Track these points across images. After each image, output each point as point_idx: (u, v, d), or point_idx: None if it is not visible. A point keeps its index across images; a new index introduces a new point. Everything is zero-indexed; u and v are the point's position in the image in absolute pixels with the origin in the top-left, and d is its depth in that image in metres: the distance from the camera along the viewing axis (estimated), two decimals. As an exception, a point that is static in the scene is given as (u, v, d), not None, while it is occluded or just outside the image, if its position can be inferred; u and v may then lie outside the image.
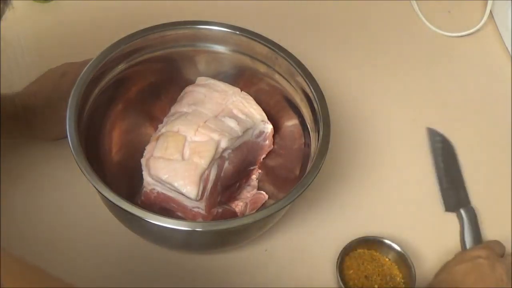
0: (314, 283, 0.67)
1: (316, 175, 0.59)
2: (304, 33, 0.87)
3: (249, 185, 0.71)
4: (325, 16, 0.90)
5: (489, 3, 0.87)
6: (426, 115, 0.81)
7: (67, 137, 0.58)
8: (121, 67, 0.66)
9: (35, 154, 0.72)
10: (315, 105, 0.64)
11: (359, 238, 0.67)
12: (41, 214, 0.68)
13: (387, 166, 0.76)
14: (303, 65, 0.66)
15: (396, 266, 0.67)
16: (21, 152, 0.72)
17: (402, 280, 0.67)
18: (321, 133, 0.62)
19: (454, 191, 0.74)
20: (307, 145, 0.66)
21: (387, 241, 0.67)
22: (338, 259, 0.65)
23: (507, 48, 0.87)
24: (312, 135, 0.65)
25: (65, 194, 0.69)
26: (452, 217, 0.72)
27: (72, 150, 0.57)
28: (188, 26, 0.68)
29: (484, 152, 0.78)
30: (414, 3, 0.91)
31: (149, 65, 0.69)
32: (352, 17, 0.90)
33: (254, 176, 0.71)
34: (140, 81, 0.70)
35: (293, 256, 0.68)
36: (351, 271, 0.66)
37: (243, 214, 0.67)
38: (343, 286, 0.64)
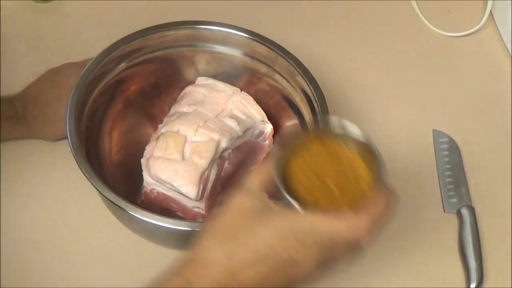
0: (315, 283, 0.67)
1: (316, 175, 0.59)
2: (304, 33, 0.87)
3: (249, 185, 0.71)
4: (325, 16, 0.90)
5: (489, 3, 0.87)
6: (426, 115, 0.81)
7: (67, 137, 0.58)
8: (121, 67, 0.67)
9: (35, 154, 0.72)
10: (315, 105, 0.64)
11: (306, 132, 0.51)
12: (41, 214, 0.68)
13: (387, 166, 0.76)
14: (303, 65, 0.66)
15: (360, 160, 0.50)
16: (21, 152, 0.72)
17: (369, 174, 0.49)
18: (321, 133, 0.62)
19: (455, 192, 0.74)
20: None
21: (344, 124, 0.50)
22: (274, 158, 0.47)
23: (507, 48, 0.87)
24: (312, 135, 0.65)
25: (65, 194, 0.69)
26: (452, 217, 0.72)
27: (72, 150, 0.57)
28: (188, 26, 0.68)
29: (485, 152, 0.78)
30: (414, 3, 0.91)
31: (149, 65, 0.69)
32: (352, 17, 0.90)
33: (254, 176, 0.71)
34: (140, 81, 0.70)
35: (293, 256, 0.68)
36: (298, 172, 0.49)
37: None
38: (283, 189, 0.46)
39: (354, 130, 0.50)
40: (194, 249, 0.46)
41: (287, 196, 0.46)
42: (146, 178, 0.63)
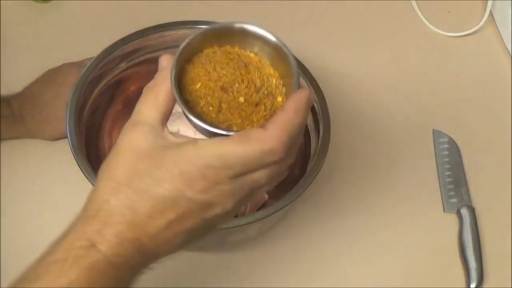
0: (315, 283, 0.67)
1: (316, 175, 0.59)
2: (304, 33, 0.87)
3: (249, 185, 0.71)
4: (325, 16, 0.90)
5: (489, 3, 0.87)
6: (427, 115, 0.81)
7: (67, 137, 0.58)
8: (121, 67, 0.67)
9: (35, 154, 0.72)
10: (315, 105, 0.64)
11: (202, 30, 0.42)
12: (41, 214, 0.68)
13: (387, 166, 0.76)
14: (303, 65, 0.66)
15: (267, 62, 0.44)
16: (20, 152, 0.72)
17: (281, 82, 0.43)
18: (321, 133, 0.62)
19: (455, 192, 0.74)
20: (307, 145, 0.66)
21: (247, 27, 0.43)
22: (172, 70, 0.41)
23: (507, 48, 0.87)
24: (312, 135, 0.65)
25: (65, 194, 0.69)
26: (452, 217, 0.72)
27: (72, 150, 0.57)
28: (188, 26, 0.68)
29: (485, 152, 0.78)
30: (414, 3, 0.91)
31: (149, 65, 0.69)
32: (352, 17, 0.90)
33: (254, 176, 0.71)
34: (140, 81, 0.70)
35: (293, 256, 0.68)
36: (199, 85, 0.42)
37: (243, 214, 0.67)
38: (186, 110, 0.40)
39: (259, 31, 0.43)
40: (91, 201, 0.39)
41: (193, 119, 0.39)
42: (146, 178, 0.63)
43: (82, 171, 0.56)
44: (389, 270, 0.68)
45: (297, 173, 0.66)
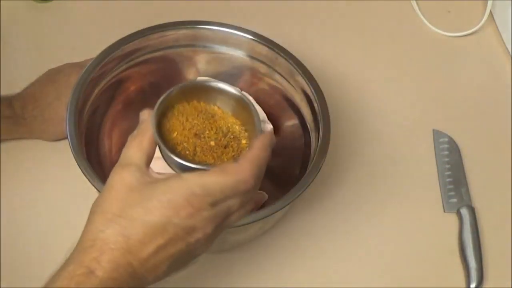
0: (315, 283, 0.67)
1: (316, 175, 0.59)
2: (304, 33, 0.87)
3: (249, 185, 0.71)
4: (325, 16, 0.90)
5: (489, 3, 0.87)
6: (426, 115, 0.81)
7: (67, 137, 0.58)
8: (121, 67, 0.66)
9: (35, 154, 0.72)
10: (315, 105, 0.64)
11: (172, 89, 0.52)
12: (41, 214, 0.68)
13: (387, 166, 0.76)
14: (303, 65, 0.66)
15: (229, 114, 0.53)
16: (21, 152, 0.71)
17: (243, 128, 0.53)
18: (321, 133, 0.62)
19: (455, 192, 0.74)
20: (307, 145, 0.66)
21: (210, 84, 0.53)
22: (153, 120, 0.48)
23: (507, 48, 0.87)
24: (312, 135, 0.65)
25: (65, 194, 0.69)
26: (452, 217, 0.72)
27: (72, 150, 0.57)
28: (188, 26, 0.68)
29: (485, 152, 0.78)
30: (414, 3, 0.91)
31: (149, 65, 0.69)
32: (352, 17, 0.90)
33: (254, 176, 0.71)
34: (140, 81, 0.70)
35: (293, 256, 0.68)
36: (175, 133, 0.51)
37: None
38: (169, 153, 0.48)
39: (219, 85, 0.53)
40: (87, 233, 0.44)
41: (174, 157, 0.47)
42: (146, 178, 0.63)
43: (82, 171, 0.56)
44: (389, 270, 0.68)
45: (297, 173, 0.66)
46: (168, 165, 0.50)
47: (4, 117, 0.68)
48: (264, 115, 0.69)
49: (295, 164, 0.67)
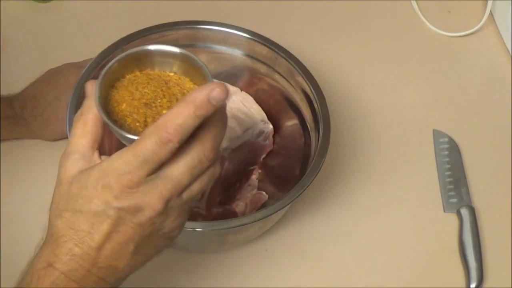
0: (315, 283, 0.67)
1: (316, 175, 0.59)
2: (304, 33, 0.87)
3: (249, 185, 0.71)
4: (325, 16, 0.90)
5: (489, 3, 0.87)
6: (427, 115, 0.81)
7: (67, 137, 0.58)
8: (121, 67, 0.66)
9: (35, 154, 0.72)
10: (315, 105, 0.64)
11: (119, 57, 0.46)
12: (41, 214, 0.68)
13: (387, 166, 0.76)
14: (303, 65, 0.66)
15: (187, 79, 0.47)
16: (21, 152, 0.71)
17: None
18: (321, 133, 0.62)
19: (455, 192, 0.74)
20: (307, 145, 0.66)
21: (164, 48, 0.46)
22: (96, 94, 0.44)
23: (507, 48, 0.87)
24: (312, 135, 0.65)
25: (65, 194, 0.69)
26: (452, 217, 0.72)
27: (72, 150, 0.57)
28: (188, 26, 0.68)
29: (485, 152, 0.78)
30: (414, 3, 0.91)
31: (149, 65, 0.69)
32: (352, 17, 0.90)
33: (254, 176, 0.71)
34: (140, 81, 0.70)
35: (293, 256, 0.68)
36: (124, 105, 0.45)
37: (243, 214, 0.67)
38: (115, 127, 0.43)
39: (172, 49, 0.46)
40: (47, 229, 0.44)
41: (118, 129, 0.43)
42: (146, 178, 0.63)
43: (82, 171, 0.56)
44: (389, 270, 0.68)
45: (297, 173, 0.66)
46: (121, 141, 0.45)
47: (4, 117, 0.68)
48: (264, 115, 0.69)
49: (295, 164, 0.68)
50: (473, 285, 0.67)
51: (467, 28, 0.89)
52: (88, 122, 0.44)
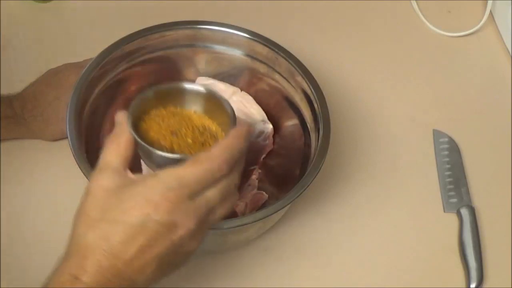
0: (315, 283, 0.67)
1: (316, 175, 0.59)
2: (304, 33, 0.87)
3: (249, 185, 0.71)
4: (325, 16, 0.90)
5: (489, 3, 0.87)
6: (427, 115, 0.81)
7: (67, 137, 0.58)
8: (121, 67, 0.66)
9: (35, 154, 0.72)
10: (315, 105, 0.64)
11: (145, 92, 0.53)
12: (41, 214, 0.68)
13: (387, 166, 0.76)
14: (303, 65, 0.66)
15: (206, 116, 0.54)
16: (21, 152, 0.72)
17: (220, 127, 0.54)
18: (321, 133, 0.62)
19: (455, 192, 0.74)
20: (307, 145, 0.66)
21: (183, 86, 0.54)
22: (128, 120, 0.49)
23: (507, 48, 0.87)
24: (312, 135, 0.65)
25: (65, 194, 0.69)
26: (452, 217, 0.72)
27: (72, 150, 0.57)
28: (188, 26, 0.68)
29: (485, 152, 0.78)
30: (414, 3, 0.91)
31: (149, 65, 0.69)
32: (352, 17, 0.90)
33: (254, 176, 0.71)
34: (140, 81, 0.70)
35: (293, 256, 0.68)
36: (152, 133, 0.52)
37: (243, 214, 0.67)
38: (146, 146, 0.49)
39: (192, 87, 0.54)
40: (71, 241, 0.44)
41: (152, 149, 0.47)
42: (146, 178, 0.63)
43: (82, 171, 0.56)
44: (389, 270, 0.68)
45: (297, 173, 0.66)
46: (147, 166, 0.51)
47: (4, 117, 0.68)
48: (264, 115, 0.69)
49: (295, 164, 0.68)
50: (473, 285, 0.67)
51: (467, 28, 0.89)
52: (121, 143, 0.47)
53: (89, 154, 0.59)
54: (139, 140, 0.48)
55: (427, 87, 0.84)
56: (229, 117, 0.52)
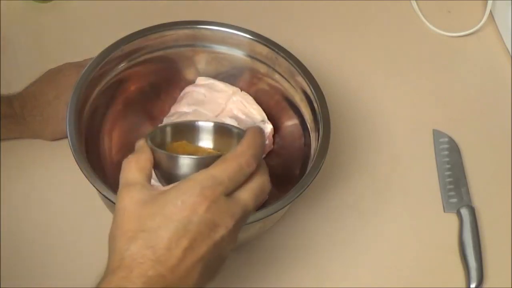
0: (315, 283, 0.67)
1: (316, 175, 0.59)
2: (304, 33, 0.87)
3: (249, 185, 0.71)
4: (325, 15, 0.90)
5: (489, 3, 0.87)
6: (427, 115, 0.81)
7: (67, 137, 0.58)
8: (121, 67, 0.66)
9: (35, 154, 0.72)
10: (315, 105, 0.64)
11: (159, 126, 0.56)
12: (41, 214, 0.68)
13: (387, 166, 0.76)
14: (303, 65, 0.66)
15: (218, 153, 0.53)
16: (21, 152, 0.72)
17: None
18: (321, 133, 0.62)
19: (455, 192, 0.74)
20: (307, 145, 0.66)
21: (198, 123, 0.55)
22: (148, 140, 0.49)
23: (507, 48, 0.87)
24: (312, 135, 0.65)
25: (65, 194, 0.69)
26: (452, 217, 0.72)
27: (72, 150, 0.57)
28: (188, 26, 0.68)
29: (485, 152, 0.78)
30: (414, 3, 0.91)
31: (149, 65, 0.69)
32: (352, 17, 0.90)
33: (254, 176, 0.71)
34: (140, 81, 0.70)
35: (293, 255, 0.68)
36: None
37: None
38: (173, 154, 0.49)
39: (208, 125, 0.54)
40: (111, 258, 0.43)
41: (177, 155, 0.48)
42: (146, 178, 0.63)
43: (82, 171, 0.56)
44: (389, 270, 0.68)
45: (297, 173, 0.66)
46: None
47: (4, 117, 0.68)
48: (264, 115, 0.69)
49: (295, 164, 0.67)
50: (473, 285, 0.67)
51: (467, 28, 0.89)
52: (141, 161, 0.47)
53: (89, 154, 0.59)
54: (162, 151, 0.48)
55: (427, 87, 0.84)
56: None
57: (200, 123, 0.54)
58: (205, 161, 0.46)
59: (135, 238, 0.42)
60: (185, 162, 0.48)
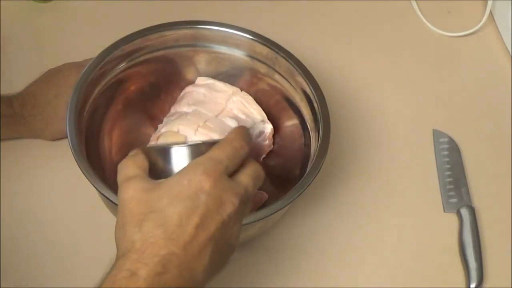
0: (315, 283, 0.67)
1: (316, 175, 0.59)
2: (304, 33, 0.87)
3: (249, 185, 0.71)
4: (325, 16, 0.90)
5: (489, 3, 0.87)
6: (427, 115, 0.81)
7: (67, 137, 0.58)
8: (121, 67, 0.66)
9: (35, 154, 0.72)
10: (315, 105, 0.64)
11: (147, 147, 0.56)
12: (41, 214, 0.68)
13: (387, 166, 0.76)
14: (303, 65, 0.66)
15: None
16: (21, 152, 0.72)
17: None
18: (321, 133, 0.62)
19: (455, 192, 0.74)
20: (307, 145, 0.66)
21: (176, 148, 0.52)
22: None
23: (507, 48, 0.87)
24: (312, 135, 0.65)
25: (65, 194, 0.69)
26: (452, 217, 0.72)
27: (72, 150, 0.57)
28: (188, 26, 0.68)
29: (485, 152, 0.78)
30: (414, 3, 0.91)
31: (149, 65, 0.69)
32: (352, 17, 0.90)
33: (254, 176, 0.71)
34: (140, 81, 0.70)
35: (293, 256, 0.68)
36: None
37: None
38: (166, 146, 0.51)
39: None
40: (122, 242, 0.43)
41: (170, 146, 0.49)
42: (146, 178, 0.63)
43: (82, 171, 0.56)
44: (389, 270, 0.69)
45: (297, 173, 0.66)
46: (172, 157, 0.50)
47: (4, 116, 0.68)
48: (264, 115, 0.69)
49: (295, 164, 0.67)
50: (473, 285, 0.67)
51: (467, 28, 0.89)
52: (137, 160, 0.47)
53: (89, 154, 0.59)
54: (157, 145, 0.50)
55: (427, 87, 0.84)
56: None
57: (173, 148, 0.51)
58: (200, 148, 0.48)
59: (144, 220, 0.42)
60: (181, 152, 0.49)
